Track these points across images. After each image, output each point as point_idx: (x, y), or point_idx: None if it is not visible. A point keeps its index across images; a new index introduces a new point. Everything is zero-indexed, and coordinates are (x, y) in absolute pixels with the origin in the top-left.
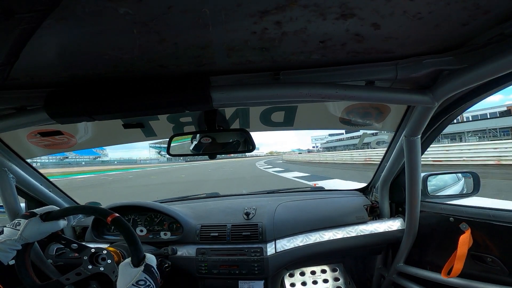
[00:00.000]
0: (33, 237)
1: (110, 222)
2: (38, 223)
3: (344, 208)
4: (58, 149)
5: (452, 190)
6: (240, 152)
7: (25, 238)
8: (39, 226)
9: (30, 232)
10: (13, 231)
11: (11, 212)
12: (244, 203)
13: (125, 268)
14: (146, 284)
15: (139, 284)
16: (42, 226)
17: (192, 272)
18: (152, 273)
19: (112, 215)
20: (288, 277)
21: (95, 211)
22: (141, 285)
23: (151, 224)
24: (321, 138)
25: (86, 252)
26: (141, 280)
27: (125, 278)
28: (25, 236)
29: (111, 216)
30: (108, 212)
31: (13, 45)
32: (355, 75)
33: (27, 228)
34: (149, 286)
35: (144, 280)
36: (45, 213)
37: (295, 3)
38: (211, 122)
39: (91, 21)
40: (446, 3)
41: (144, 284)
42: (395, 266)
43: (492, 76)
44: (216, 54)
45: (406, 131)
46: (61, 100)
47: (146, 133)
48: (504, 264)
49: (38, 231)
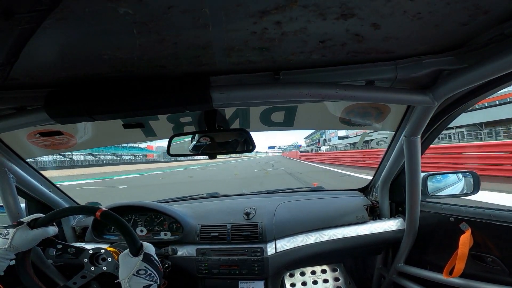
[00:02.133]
0: (24, 245)
1: (99, 217)
2: (26, 231)
3: (344, 208)
4: (58, 149)
5: (452, 190)
6: (240, 152)
7: (16, 246)
8: (27, 234)
9: (20, 240)
10: (3, 241)
11: (11, 212)
12: (244, 203)
13: (125, 258)
14: (147, 273)
15: (140, 274)
16: (30, 233)
17: (192, 272)
18: (152, 262)
19: (100, 209)
20: (288, 277)
21: (82, 209)
22: (142, 274)
23: (151, 224)
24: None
25: (85, 254)
26: (142, 269)
27: (126, 269)
28: (16, 245)
29: (99, 211)
30: (95, 208)
31: (13, 45)
32: (355, 75)
33: (16, 236)
34: (150, 274)
35: (144, 269)
36: (32, 220)
37: (295, 3)
38: (211, 122)
39: (91, 21)
40: (446, 3)
41: (145, 273)
42: (395, 266)
43: (492, 76)
44: (216, 54)
45: (406, 131)
46: (61, 100)
47: (146, 133)
48: (505, 264)
49: (27, 239)
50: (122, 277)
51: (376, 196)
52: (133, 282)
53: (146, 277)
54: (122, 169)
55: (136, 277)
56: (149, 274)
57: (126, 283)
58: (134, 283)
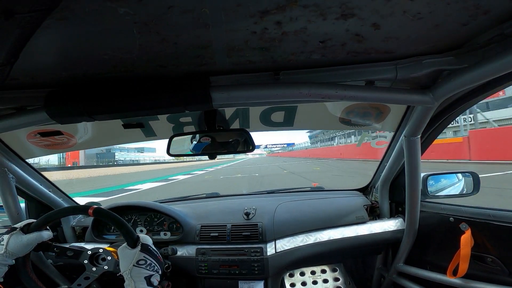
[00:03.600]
0: (20, 250)
1: (92, 214)
2: (20, 236)
3: (344, 208)
4: (58, 149)
5: (452, 190)
6: (240, 152)
7: (12, 252)
8: (21, 239)
9: (15, 246)
10: None
11: (10, 212)
12: (244, 203)
13: (123, 251)
14: (146, 263)
15: (140, 264)
16: (25, 238)
17: (192, 272)
18: (150, 252)
19: (92, 207)
20: (288, 277)
21: (74, 209)
22: (142, 264)
23: (151, 224)
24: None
25: (84, 256)
26: (141, 259)
27: (126, 261)
28: (11, 250)
29: (91, 208)
30: (87, 206)
31: (13, 45)
32: (355, 75)
33: (11, 242)
34: (150, 264)
35: (143, 259)
36: (25, 226)
37: (295, 3)
38: (211, 122)
39: (91, 21)
40: (446, 3)
41: (145, 263)
42: (395, 266)
43: (492, 76)
44: (216, 54)
45: (406, 131)
46: (61, 100)
47: (146, 133)
48: (505, 264)
49: (22, 244)
50: (123, 269)
51: (376, 196)
52: (134, 273)
53: (146, 267)
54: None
55: (136, 268)
56: (149, 264)
57: (127, 274)
58: (136, 274)
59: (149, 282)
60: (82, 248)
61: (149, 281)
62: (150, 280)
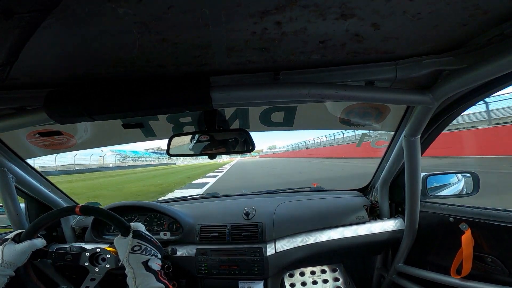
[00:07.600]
0: (16, 259)
1: (79, 212)
2: (13, 246)
3: (343, 208)
4: (58, 149)
5: (452, 190)
6: (240, 152)
7: (9, 261)
8: (15, 248)
9: (10, 255)
10: None
11: (10, 212)
12: (244, 203)
13: (119, 241)
14: (141, 248)
15: (135, 250)
16: (18, 248)
17: (192, 272)
18: (142, 237)
19: (78, 206)
20: (288, 277)
21: (61, 212)
22: (137, 250)
23: (151, 224)
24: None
25: (83, 258)
26: (135, 245)
27: (122, 250)
28: (8, 260)
29: (77, 207)
30: (73, 206)
31: (13, 45)
32: (355, 75)
33: (5, 252)
34: (146, 249)
35: (138, 245)
36: (15, 235)
37: (295, 3)
38: (211, 122)
39: (91, 21)
40: (446, 3)
41: (140, 249)
42: (395, 266)
43: (492, 76)
44: (216, 54)
45: (406, 131)
46: (60, 100)
47: (146, 133)
48: (504, 264)
49: (16, 253)
50: (122, 257)
51: (375, 196)
52: (131, 259)
53: (142, 252)
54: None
55: (132, 254)
56: (144, 248)
57: (126, 261)
58: (133, 261)
59: (147, 268)
60: (81, 249)
61: (147, 266)
62: (148, 264)
